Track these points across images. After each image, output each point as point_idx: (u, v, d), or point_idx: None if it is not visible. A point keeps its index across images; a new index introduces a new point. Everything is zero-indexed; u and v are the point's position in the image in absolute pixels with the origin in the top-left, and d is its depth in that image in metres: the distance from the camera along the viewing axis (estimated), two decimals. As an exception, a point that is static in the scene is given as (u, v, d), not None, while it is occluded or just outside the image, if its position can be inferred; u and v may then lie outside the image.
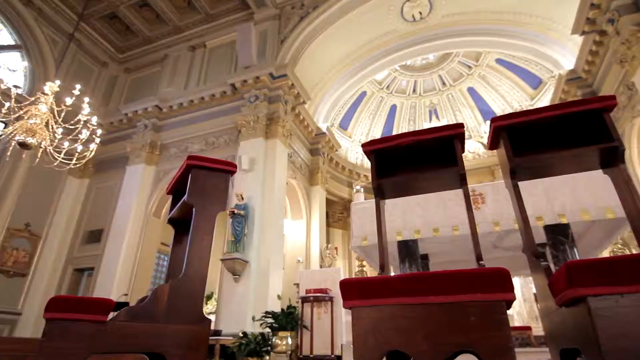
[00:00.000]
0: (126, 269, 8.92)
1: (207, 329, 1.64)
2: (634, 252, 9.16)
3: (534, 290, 7.63)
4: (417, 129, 14.81)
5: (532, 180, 2.59)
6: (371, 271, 9.58)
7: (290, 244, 10.54)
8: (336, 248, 10.62)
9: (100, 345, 1.54)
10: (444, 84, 14.16)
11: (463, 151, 1.69)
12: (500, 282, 0.94)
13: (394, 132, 14.72)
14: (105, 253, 9.15)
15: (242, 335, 5.36)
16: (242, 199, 8.02)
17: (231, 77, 9.84)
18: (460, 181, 1.55)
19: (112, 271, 8.80)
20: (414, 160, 1.77)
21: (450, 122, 13.12)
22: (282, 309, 5.01)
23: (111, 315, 1.65)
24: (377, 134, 14.97)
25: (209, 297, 10.64)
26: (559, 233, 2.47)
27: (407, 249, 2.80)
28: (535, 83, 12.41)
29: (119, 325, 1.54)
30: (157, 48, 12.01)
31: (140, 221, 9.39)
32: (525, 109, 12.17)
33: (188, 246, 1.70)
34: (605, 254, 6.52)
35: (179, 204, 1.89)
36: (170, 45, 11.85)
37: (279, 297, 5.96)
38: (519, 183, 2.56)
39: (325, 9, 10.05)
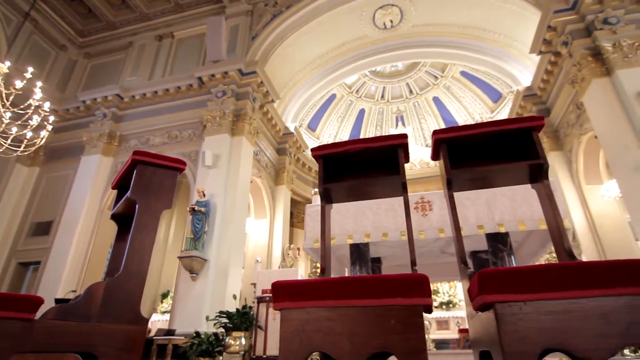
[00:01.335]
0: (76, 265, 8.49)
1: (144, 330, 1.60)
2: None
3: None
4: (383, 134, 15.13)
5: (476, 191, 2.74)
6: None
7: (252, 243, 10.45)
8: (298, 249, 10.63)
9: (26, 344, 1.47)
10: (411, 92, 14.55)
11: (407, 161, 1.76)
12: (419, 287, 1.00)
13: (362, 136, 14.96)
14: (54, 247, 8.67)
15: (195, 335, 5.26)
16: (204, 195, 7.86)
17: (199, 70, 9.63)
18: (402, 189, 1.61)
19: (61, 266, 8.34)
20: (362, 166, 1.82)
21: (416, 129, 13.51)
22: (237, 309, 4.96)
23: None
24: (345, 137, 15.15)
25: (165, 296, 10.33)
26: (498, 241, 2.62)
27: (359, 252, 2.87)
28: (496, 97, 13.04)
29: (48, 324, 1.48)
30: (122, 35, 11.53)
31: (93, 214, 8.97)
32: (485, 120, 12.74)
33: (128, 244, 1.65)
34: (542, 261, 6.96)
35: (123, 199, 1.83)
36: (136, 32, 11.41)
37: (234, 296, 5.90)
38: (464, 193, 2.69)
39: (299, 9, 10.06)
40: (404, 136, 1.65)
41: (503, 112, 12.74)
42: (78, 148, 9.86)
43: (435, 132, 1.62)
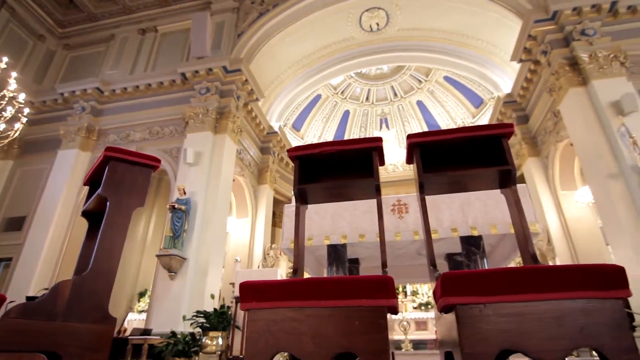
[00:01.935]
0: (49, 262, 8.24)
1: (111, 329, 1.57)
2: (551, 263, 10.10)
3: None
4: (367, 136, 15.23)
5: (451, 195, 2.79)
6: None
7: (233, 243, 10.37)
8: (279, 248, 10.60)
9: (-14, 344, 1.42)
10: (395, 95, 14.70)
11: (382, 164, 1.78)
12: (383, 289, 1.01)
13: (346, 137, 15.03)
14: (27, 243, 8.39)
15: (171, 334, 5.19)
16: (185, 193, 7.75)
17: (182, 66, 9.49)
18: (375, 192, 1.63)
19: (33, 263, 8.08)
20: (338, 168, 1.83)
21: (400, 132, 13.65)
22: (215, 309, 4.91)
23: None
24: (329, 137, 15.19)
25: (143, 295, 10.14)
26: (472, 244, 2.68)
27: (336, 252, 2.89)
28: (477, 102, 13.29)
29: (10, 322, 1.44)
30: (103, 27, 11.26)
31: (69, 211, 8.73)
32: (467, 125, 12.97)
33: (97, 241, 1.62)
34: (513, 264, 7.15)
35: (94, 196, 1.80)
36: (119, 25, 11.17)
37: (212, 296, 5.83)
38: (440, 196, 2.74)
39: (286, 8, 10.03)
40: (379, 139, 1.67)
41: (484, 118, 12.99)
42: (54, 142, 9.58)
43: (409, 137, 1.65)
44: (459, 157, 1.72)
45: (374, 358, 0.94)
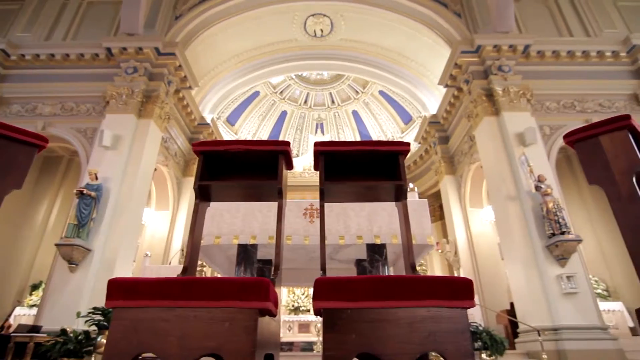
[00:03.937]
0: None
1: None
2: (455, 274, 11.05)
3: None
4: (302, 138, 15.37)
5: (361, 204, 2.93)
6: (211, 272, 9.37)
7: (148, 236, 9.75)
8: (200, 244, 10.19)
9: None
10: (333, 102, 15.06)
11: (290, 168, 1.81)
12: (257, 291, 1.02)
13: (281, 138, 15.01)
14: None
15: (60, 332, 4.69)
16: (96, 178, 7.11)
17: (109, 40, 8.73)
18: (278, 195, 1.65)
19: None
20: (247, 168, 1.82)
21: (334, 138, 13.98)
22: (115, 305, 4.56)
23: None
24: (264, 136, 15.05)
25: (36, 287, 9.05)
26: (375, 252, 2.84)
27: (245, 252, 2.86)
28: (407, 119, 14.14)
29: None
30: (19, -18, 9.95)
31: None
32: (395, 139, 13.68)
33: (-46, 224, 1.41)
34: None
35: (-42, 172, 1.56)
36: (38, -17, 9.95)
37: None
38: (350, 204, 2.85)
39: (231, -1, 9.75)
40: (286, 143, 1.69)
41: (412, 134, 13.85)
42: (-61, 105, 8.22)
43: (315, 144, 1.69)
44: (363, 169, 1.81)
45: (239, 359, 0.95)
